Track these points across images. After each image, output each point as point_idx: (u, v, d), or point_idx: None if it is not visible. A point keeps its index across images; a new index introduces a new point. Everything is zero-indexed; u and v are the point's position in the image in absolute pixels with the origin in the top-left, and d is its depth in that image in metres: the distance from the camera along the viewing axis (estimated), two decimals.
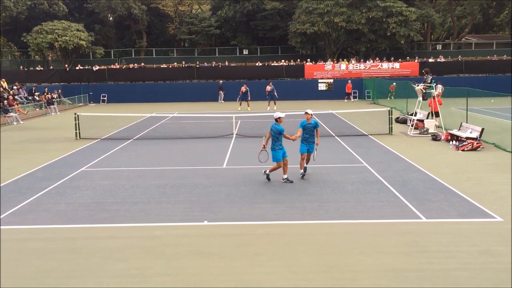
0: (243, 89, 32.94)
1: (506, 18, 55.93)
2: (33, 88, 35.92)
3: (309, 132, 12.36)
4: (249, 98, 32.75)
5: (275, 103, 32.79)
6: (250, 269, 7.16)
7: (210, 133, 21.16)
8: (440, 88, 32.87)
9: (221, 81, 40.22)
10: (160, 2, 52.51)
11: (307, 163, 12.65)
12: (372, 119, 24.54)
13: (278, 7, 49.73)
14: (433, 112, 21.02)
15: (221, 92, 40.01)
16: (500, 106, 27.72)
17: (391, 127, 20.40)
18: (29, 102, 33.26)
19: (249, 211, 9.86)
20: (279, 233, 8.60)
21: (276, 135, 11.96)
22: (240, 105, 33.38)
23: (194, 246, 8.03)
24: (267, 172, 12.25)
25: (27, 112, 30.45)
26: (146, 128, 23.50)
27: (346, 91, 38.77)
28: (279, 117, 12.05)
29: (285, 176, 12.08)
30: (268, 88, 32.89)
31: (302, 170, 12.45)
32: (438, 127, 20.06)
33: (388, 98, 35.88)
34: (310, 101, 38.09)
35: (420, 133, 19.77)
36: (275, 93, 32.77)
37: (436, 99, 20.25)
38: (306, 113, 12.48)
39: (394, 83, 35.57)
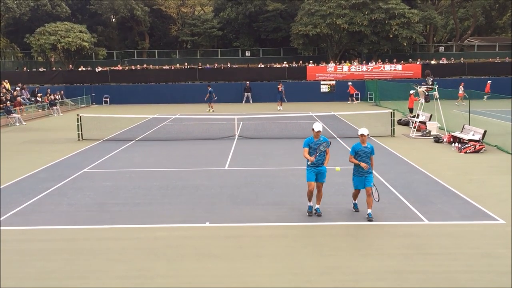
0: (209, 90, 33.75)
1: (508, 20, 55.82)
2: (36, 89, 36.01)
3: (364, 159, 9.47)
4: (213, 99, 33.47)
5: (280, 104, 33.41)
6: (252, 270, 7.15)
7: (212, 134, 21.16)
8: (461, 89, 33.42)
9: (248, 82, 40.30)
10: (163, 3, 52.57)
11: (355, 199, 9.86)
12: (374, 121, 24.48)
13: (280, 8, 49.73)
14: (408, 109, 23.94)
15: (247, 93, 40.08)
16: (503, 108, 27.65)
17: (393, 129, 20.38)
18: (31, 103, 33.33)
19: (250, 213, 9.85)
20: (280, 234, 8.59)
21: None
22: (209, 106, 33.84)
23: (196, 248, 8.03)
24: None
25: (27, 110, 30.52)
26: (149, 130, 23.52)
27: (350, 92, 38.75)
28: (362, 134, 9.52)
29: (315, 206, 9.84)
30: (280, 88, 33.84)
31: (369, 211, 9.37)
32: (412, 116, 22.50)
33: (484, 99, 33.86)
34: (312, 103, 38.11)
35: (422, 135, 19.74)
36: (283, 95, 33.73)
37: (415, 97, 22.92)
38: (362, 135, 9.37)
39: (489, 81, 34.99)
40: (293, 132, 21.52)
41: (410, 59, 44.08)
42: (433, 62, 43.38)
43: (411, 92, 23.70)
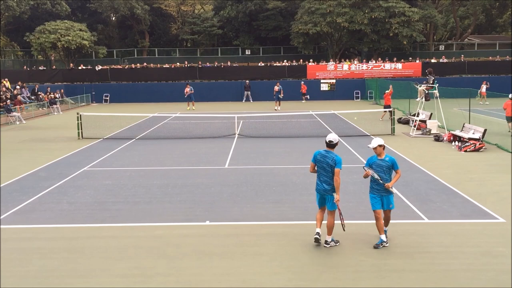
0: (187, 89, 33.87)
1: (509, 18, 55.78)
2: (36, 88, 36.01)
3: (380, 174, 7.84)
4: (190, 98, 33.96)
5: (278, 104, 32.93)
6: (252, 269, 7.16)
7: (212, 133, 21.17)
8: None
9: (247, 81, 40.27)
10: (163, 2, 52.54)
11: (386, 225, 8.12)
12: (374, 119, 24.51)
13: (280, 6, 49.71)
14: (384, 106, 24.62)
15: (247, 92, 40.04)
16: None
17: (394, 127, 20.37)
18: (32, 102, 33.33)
19: (250, 211, 9.86)
20: (280, 233, 8.59)
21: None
22: (188, 105, 34.19)
23: (196, 246, 8.03)
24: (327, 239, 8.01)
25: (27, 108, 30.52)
26: (149, 128, 23.52)
27: (302, 91, 39.10)
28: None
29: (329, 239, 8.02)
30: (276, 88, 33.31)
31: (384, 236, 7.96)
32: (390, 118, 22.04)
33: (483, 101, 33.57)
34: (312, 102, 38.11)
35: (422, 134, 19.73)
36: (281, 95, 33.05)
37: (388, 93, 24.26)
38: (379, 145, 7.86)
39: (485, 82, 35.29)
40: (293, 131, 21.54)
41: (410, 58, 44.04)
42: (433, 60, 43.37)
43: (387, 91, 24.73)
